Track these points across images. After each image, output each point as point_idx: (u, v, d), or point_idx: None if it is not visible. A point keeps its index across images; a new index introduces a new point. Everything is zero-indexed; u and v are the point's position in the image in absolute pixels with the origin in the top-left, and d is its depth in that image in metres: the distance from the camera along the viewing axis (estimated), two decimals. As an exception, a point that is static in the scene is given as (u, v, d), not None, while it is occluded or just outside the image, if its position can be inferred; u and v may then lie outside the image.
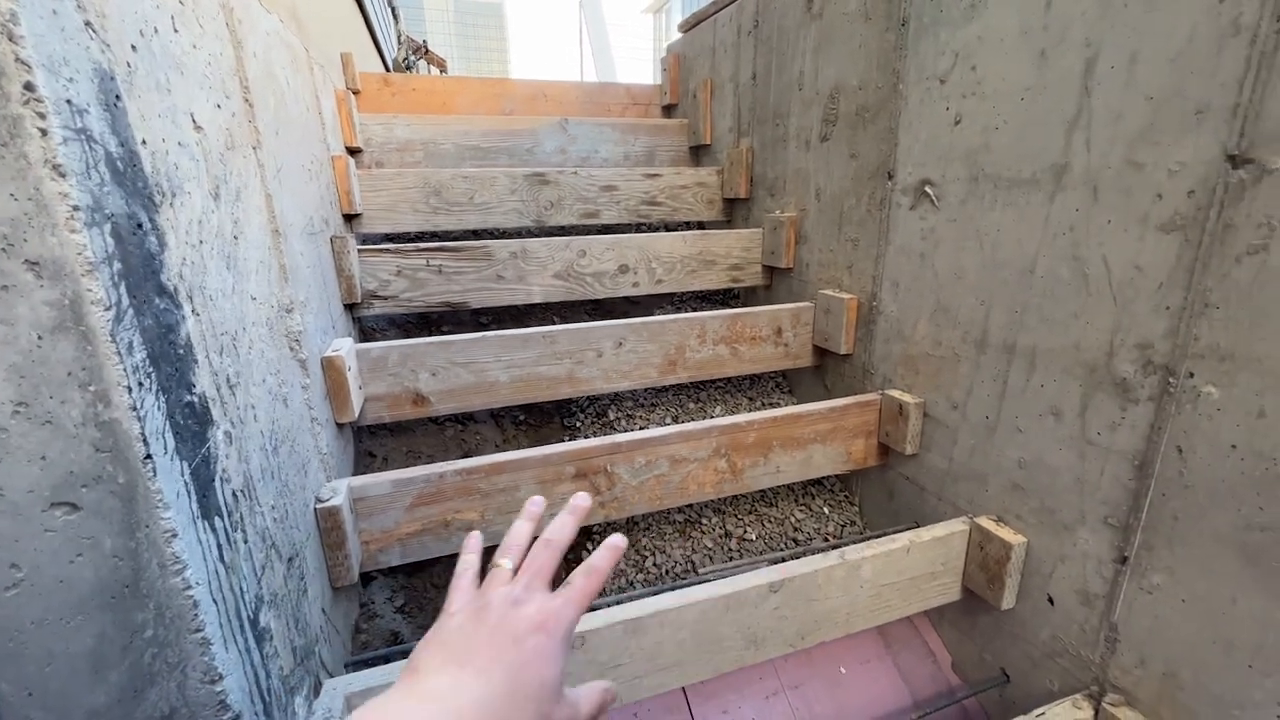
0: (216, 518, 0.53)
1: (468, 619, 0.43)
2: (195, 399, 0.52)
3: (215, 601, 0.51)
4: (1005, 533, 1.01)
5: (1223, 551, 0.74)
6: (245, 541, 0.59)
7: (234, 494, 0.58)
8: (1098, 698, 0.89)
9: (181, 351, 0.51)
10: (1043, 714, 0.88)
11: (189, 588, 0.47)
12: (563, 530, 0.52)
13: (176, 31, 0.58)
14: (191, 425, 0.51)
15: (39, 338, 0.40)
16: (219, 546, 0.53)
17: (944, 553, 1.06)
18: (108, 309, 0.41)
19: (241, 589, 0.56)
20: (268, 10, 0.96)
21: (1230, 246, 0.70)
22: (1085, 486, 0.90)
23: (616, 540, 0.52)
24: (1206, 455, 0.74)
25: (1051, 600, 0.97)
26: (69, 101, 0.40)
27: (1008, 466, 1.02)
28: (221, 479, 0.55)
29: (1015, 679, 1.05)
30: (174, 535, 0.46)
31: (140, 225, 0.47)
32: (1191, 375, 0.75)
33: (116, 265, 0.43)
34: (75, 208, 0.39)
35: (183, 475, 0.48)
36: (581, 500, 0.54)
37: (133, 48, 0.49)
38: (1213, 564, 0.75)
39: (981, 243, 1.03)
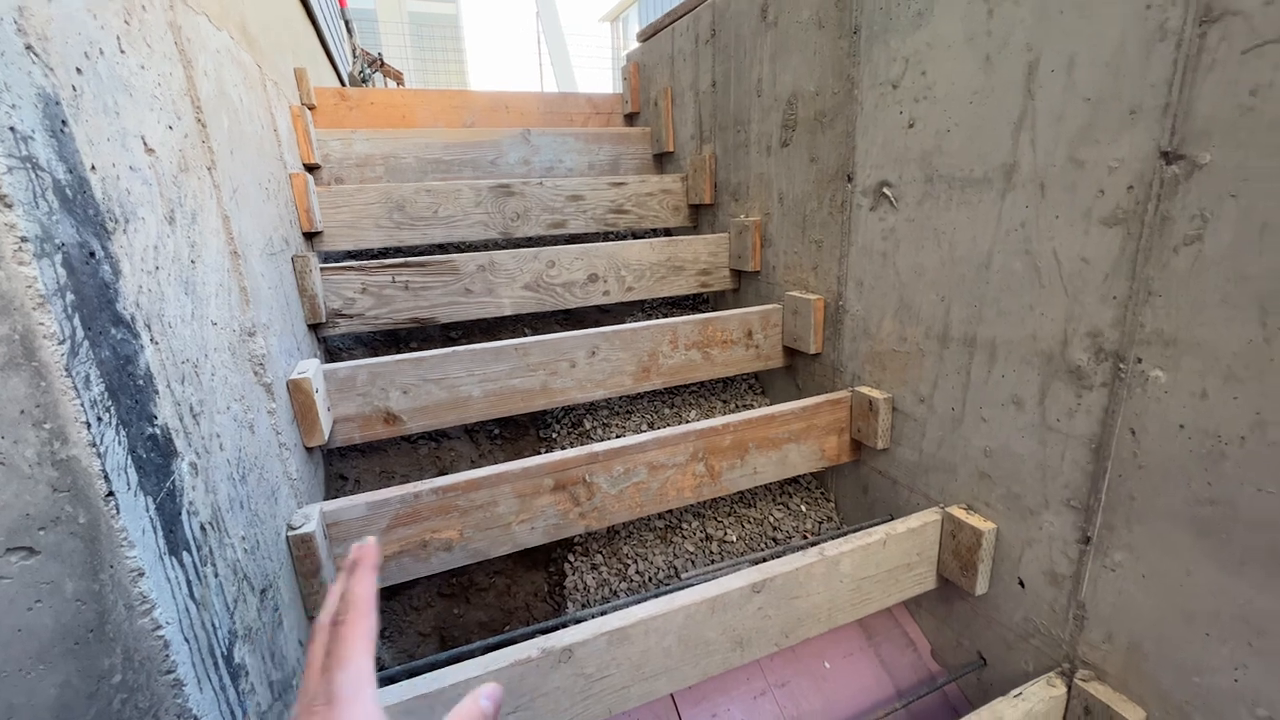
0: (185, 553, 0.51)
1: None
2: (157, 430, 0.50)
3: (187, 640, 0.49)
4: (975, 520, 1.04)
5: (1177, 527, 0.78)
6: (216, 575, 0.57)
7: (202, 527, 0.56)
8: (1070, 674, 0.93)
9: (141, 382, 0.49)
10: (1019, 694, 0.91)
11: (159, 628, 0.45)
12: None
13: (123, 52, 0.57)
14: (155, 458, 0.49)
15: (-12, 376, 0.38)
16: (188, 583, 0.51)
17: (918, 543, 1.08)
18: (61, 342, 0.40)
19: (214, 625, 0.54)
20: (217, 28, 0.93)
21: (1168, 238, 0.74)
22: (1048, 471, 0.93)
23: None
24: (1157, 436, 0.78)
25: (1022, 583, 1.00)
26: (12, 129, 0.38)
27: (975, 456, 1.05)
28: (188, 512, 0.54)
29: (992, 662, 1.08)
30: (140, 574, 0.44)
31: (93, 254, 0.45)
32: (1140, 360, 0.79)
33: (69, 296, 0.41)
34: (23, 239, 0.38)
35: (147, 511, 0.47)
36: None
37: (78, 70, 0.47)
38: (1168, 539, 0.79)
39: (939, 241, 1.06)
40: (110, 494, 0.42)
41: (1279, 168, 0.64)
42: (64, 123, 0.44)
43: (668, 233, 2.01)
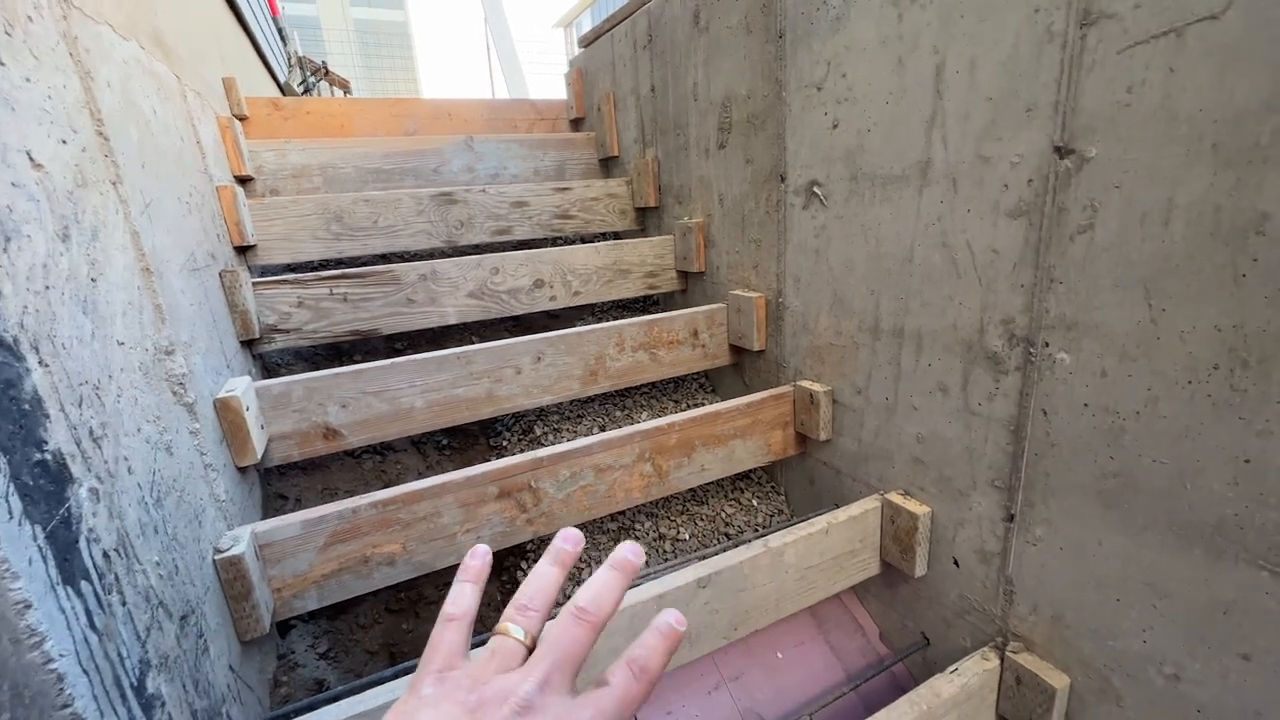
0: (83, 581, 0.49)
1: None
2: (48, 456, 0.48)
3: (86, 672, 0.47)
4: (912, 505, 1.08)
5: (1086, 500, 0.82)
6: (124, 604, 0.55)
7: (105, 554, 0.54)
8: (1002, 647, 0.97)
9: (27, 406, 0.47)
10: (955, 669, 0.95)
11: (50, 660, 0.44)
12: (604, 597, 0.39)
13: (3, 65, 0.54)
14: (45, 485, 0.47)
15: None
16: (88, 612, 0.49)
17: (861, 530, 1.11)
18: (-76, 368, 0.38)
19: (120, 655, 0.52)
20: (124, 37, 0.90)
21: (1065, 227, 0.79)
22: (973, 454, 0.97)
23: (671, 620, 0.39)
24: (1066, 415, 0.83)
25: (956, 562, 1.04)
26: None
27: (908, 442, 1.09)
28: (88, 539, 0.51)
29: (934, 641, 1.12)
30: (28, 606, 0.42)
31: (-36, 274, 0.43)
32: (1047, 345, 0.84)
33: (-67, 320, 0.39)
34: (-127, 261, 0.36)
35: (35, 540, 0.45)
36: (630, 555, 0.41)
37: (-56, 84, 0.45)
38: (1080, 512, 0.83)
39: (866, 236, 1.10)
40: (-12, 524, 0.41)
41: (1153, 159, 0.69)
42: (-74, 138, 0.42)
43: (616, 236, 2.02)
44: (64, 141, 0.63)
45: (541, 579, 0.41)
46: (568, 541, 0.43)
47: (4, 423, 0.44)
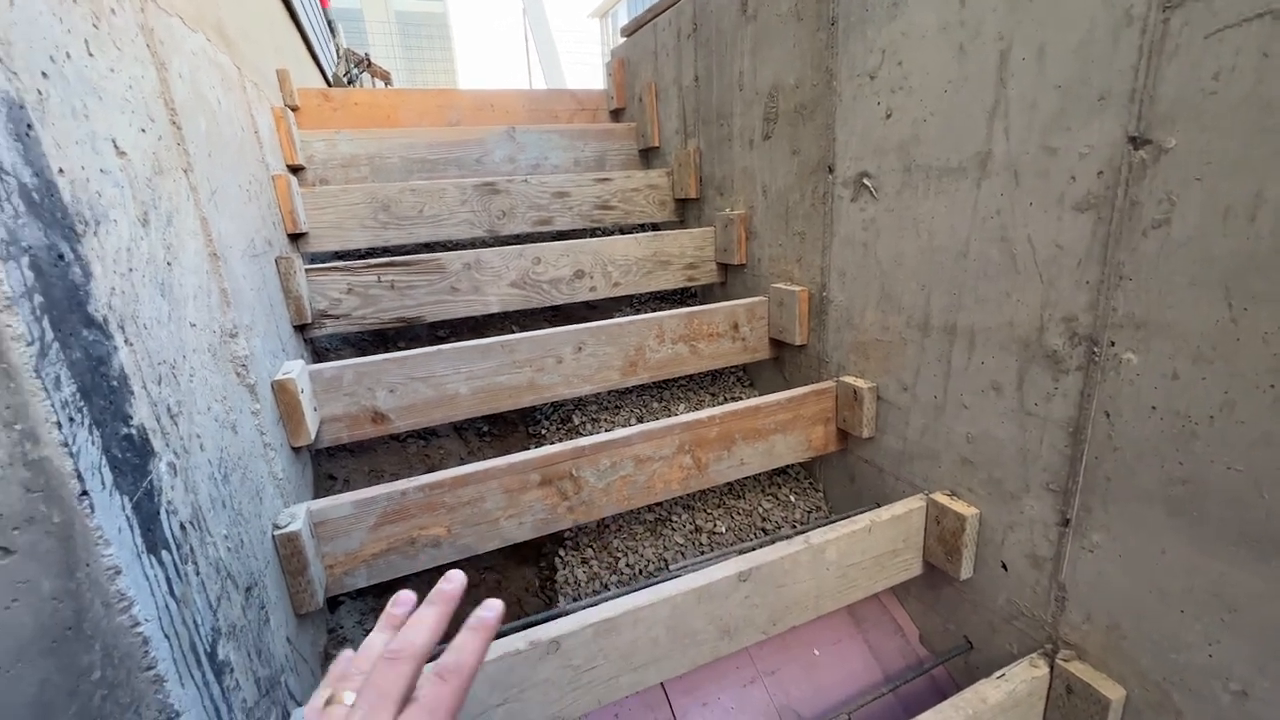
0: (164, 551, 0.52)
1: None
2: (133, 431, 0.51)
3: (167, 637, 0.49)
4: (959, 506, 1.06)
5: (1151, 507, 0.79)
6: (197, 574, 0.57)
7: (182, 526, 0.56)
8: (1052, 655, 0.94)
9: (115, 383, 0.50)
10: (1003, 675, 0.92)
11: (137, 625, 0.46)
12: (417, 637, 0.42)
13: (91, 56, 0.57)
14: (131, 458, 0.50)
15: (-44, 378, 0.38)
16: (168, 580, 0.51)
17: (904, 530, 1.09)
18: (30, 344, 0.40)
19: (196, 622, 0.55)
20: (192, 29, 0.93)
21: (1137, 222, 0.75)
22: (1027, 456, 0.94)
23: (485, 613, 0.44)
24: (1131, 418, 0.79)
25: (1005, 566, 1.01)
26: (-25, 133, 0.39)
27: (957, 442, 1.07)
28: (167, 511, 0.54)
29: (978, 645, 1.09)
30: (118, 572, 0.45)
31: (62, 256, 0.45)
32: (1113, 344, 0.80)
33: (37, 299, 0.42)
34: (-12, 242, 0.38)
35: (124, 510, 0.47)
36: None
37: (44, 74, 0.48)
38: (1143, 519, 0.80)
39: (918, 230, 1.07)
40: (84, 493, 0.43)
41: (1241, 151, 0.65)
42: (29, 126, 0.44)
43: (654, 227, 2.01)
44: (143, 130, 0.65)
45: (366, 650, 0.43)
46: (398, 604, 0.46)
47: (96, 398, 0.46)
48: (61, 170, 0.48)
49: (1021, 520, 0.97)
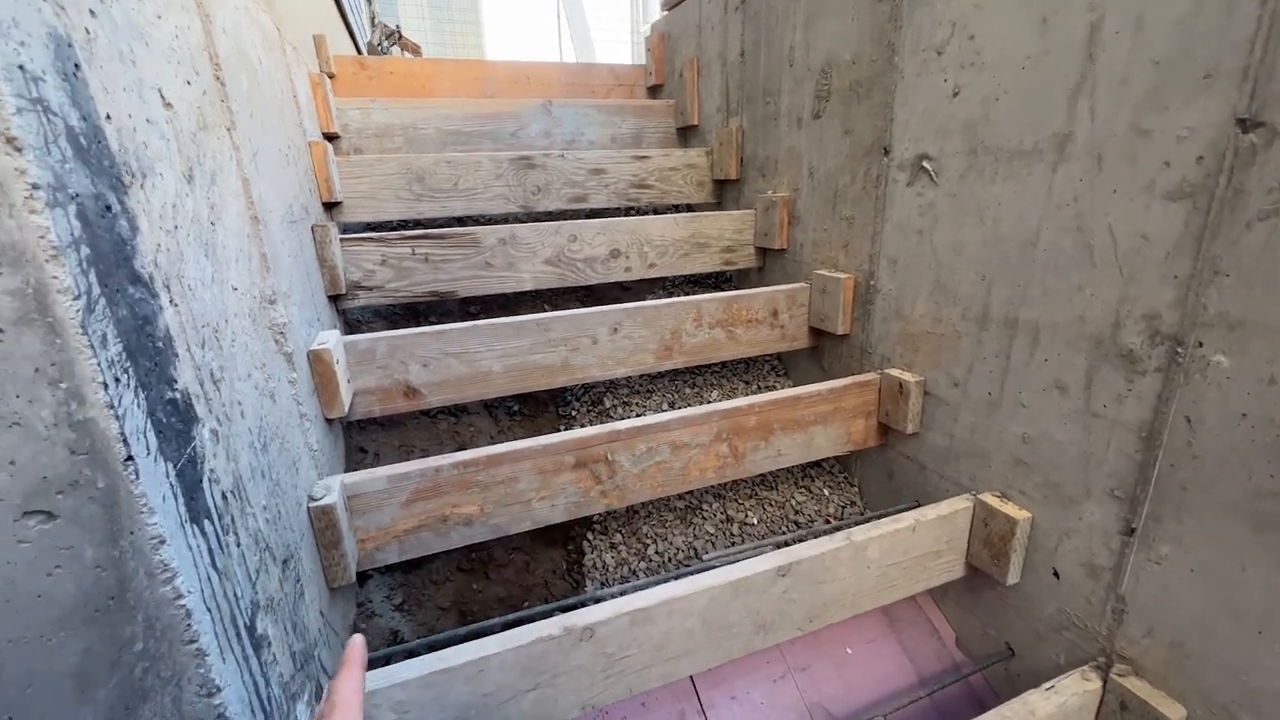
0: (206, 521, 0.50)
1: None
2: (178, 395, 0.49)
3: (209, 610, 0.47)
4: (1010, 508, 1.01)
5: (1232, 520, 0.74)
6: (238, 545, 0.56)
7: (224, 495, 0.54)
8: (1105, 668, 0.90)
9: (160, 344, 0.47)
10: (1052, 687, 0.88)
11: (180, 596, 0.44)
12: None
13: (139, -1, 0.54)
14: (175, 423, 0.48)
15: (0, 331, 0.36)
16: (210, 551, 0.49)
17: (949, 530, 1.05)
18: (76, 298, 0.38)
19: (236, 595, 0.53)
20: (236, -16, 0.90)
21: (1241, 212, 0.69)
22: (1091, 460, 0.89)
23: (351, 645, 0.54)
24: (1216, 425, 0.74)
25: (1057, 574, 0.97)
26: (21, 68, 0.36)
27: (1011, 442, 1.02)
28: (210, 479, 0.52)
29: (1020, 653, 1.05)
30: (162, 541, 0.43)
31: (109, 207, 0.43)
32: (1200, 344, 0.75)
33: (84, 250, 0.39)
34: (34, 186, 0.36)
35: (168, 477, 0.45)
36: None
37: (91, 13, 0.45)
38: (1222, 533, 0.75)
39: (982, 217, 1.01)
40: (129, 458, 0.41)
41: (1376, 135, 0.59)
42: (77, 66, 0.42)
43: (690, 208, 1.96)
44: (188, 83, 0.63)
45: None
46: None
47: (142, 358, 0.44)
48: (109, 116, 0.45)
49: (1079, 527, 0.92)
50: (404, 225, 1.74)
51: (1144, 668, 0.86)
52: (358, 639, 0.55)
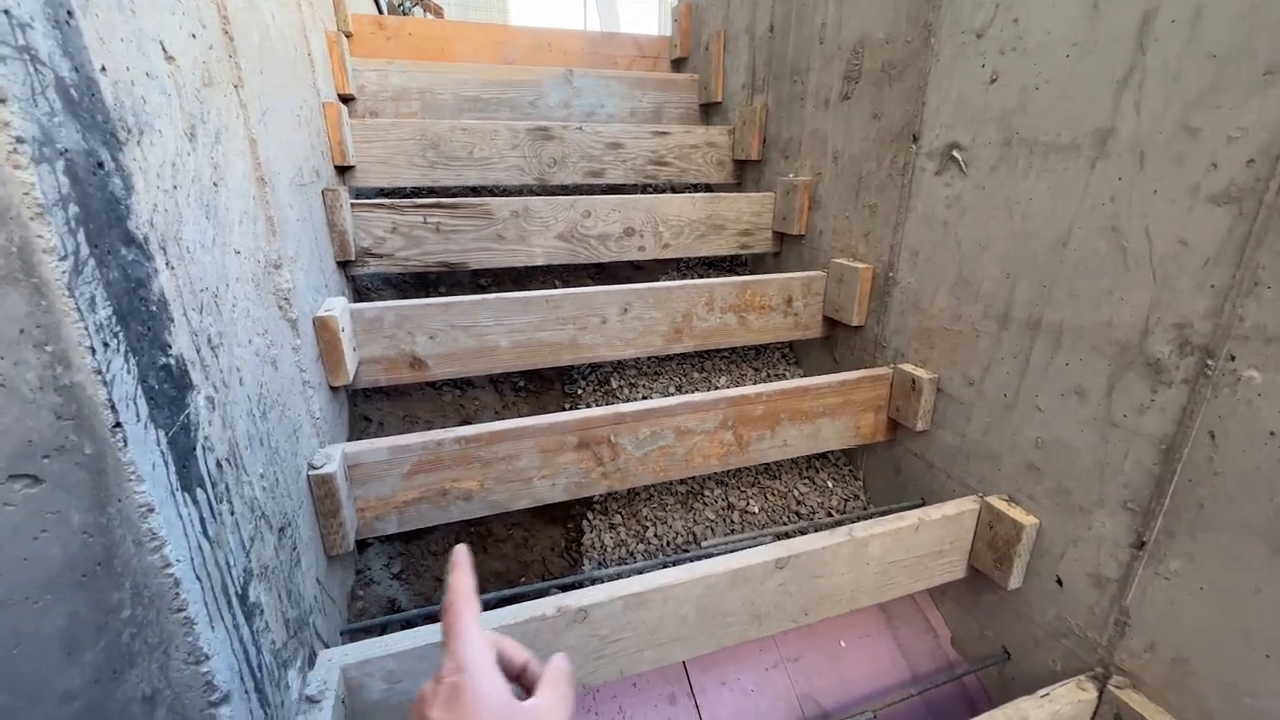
0: (199, 489, 0.49)
1: None
2: (172, 361, 0.48)
3: (199, 579, 0.47)
4: (1017, 513, 0.99)
5: (1250, 540, 0.71)
6: (232, 514, 0.55)
7: (218, 463, 0.54)
8: (1103, 679, 0.88)
9: (154, 309, 0.46)
10: (1047, 694, 0.87)
11: (168, 565, 0.44)
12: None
13: (141, -56, 0.51)
14: (168, 390, 0.47)
15: (-17, 290, 0.35)
16: (202, 520, 0.49)
17: (953, 531, 1.04)
18: (63, 258, 0.36)
19: (228, 564, 0.53)
20: (249, -67, 0.87)
21: (1290, 221, 0.65)
22: (1106, 469, 0.87)
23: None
24: (1242, 442, 0.71)
25: (1060, 581, 0.95)
26: (6, 12, 0.34)
27: (1024, 446, 0.99)
28: (204, 447, 0.51)
29: (1016, 657, 1.04)
30: (150, 510, 0.42)
31: (101, 164, 0.41)
32: (1233, 358, 0.71)
33: (73, 209, 0.38)
34: (19, 139, 0.34)
35: (159, 445, 0.44)
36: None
37: (87, -43, 0.43)
38: (1239, 553, 0.72)
39: (1011, 212, 0.97)
40: (118, 425, 0.40)
41: None
42: (70, 13, 0.40)
43: (708, 188, 1.91)
44: (194, 36, 0.60)
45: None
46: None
47: (133, 322, 0.43)
48: (104, 69, 0.43)
49: (1088, 536, 0.90)
50: (417, 193, 1.71)
51: (1143, 681, 0.85)
52: (462, 547, 0.49)
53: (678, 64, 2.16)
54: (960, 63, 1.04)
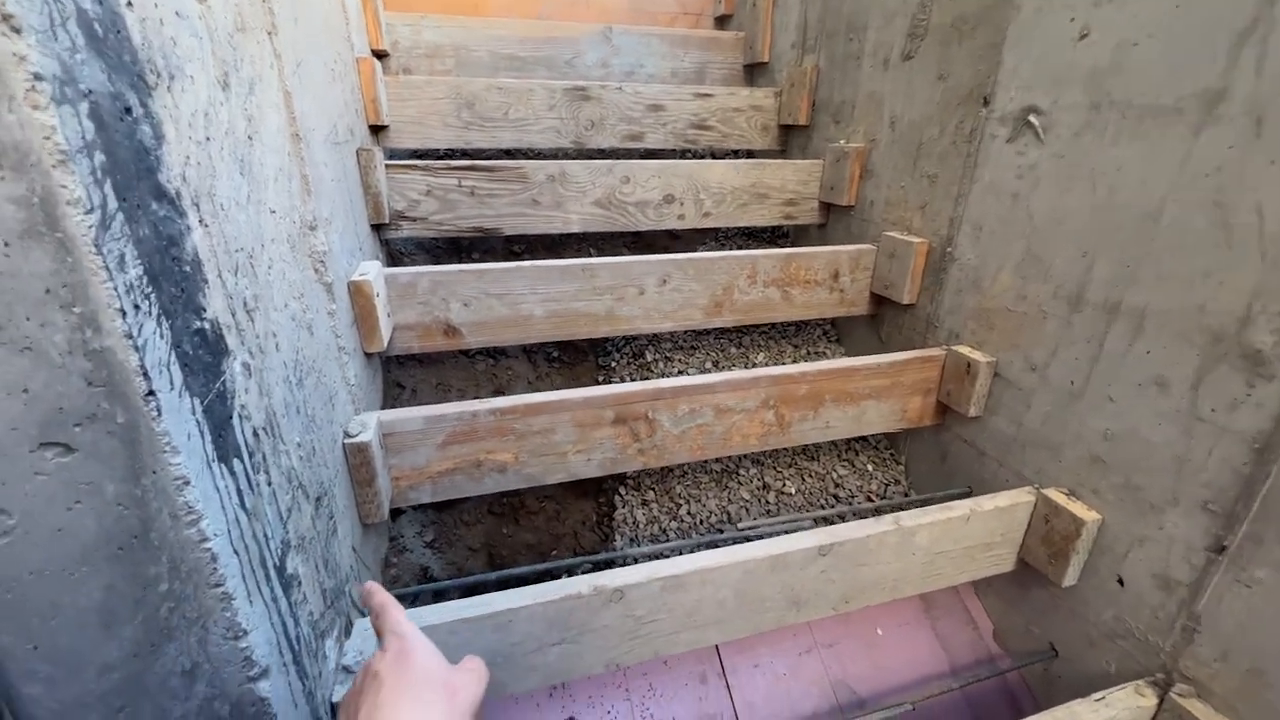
0: (235, 460, 0.47)
1: None
2: (206, 325, 0.45)
3: (236, 553, 0.45)
4: (1077, 508, 0.93)
5: (1355, 552, 0.65)
6: (269, 484, 0.53)
7: (255, 432, 0.51)
8: (1164, 686, 0.84)
9: (188, 269, 0.43)
10: (1102, 698, 0.83)
11: (205, 540, 0.42)
12: None
13: None
14: (203, 356, 0.44)
15: (4, 244, 0.32)
16: (239, 492, 0.47)
17: (1005, 523, 0.99)
18: (89, 211, 0.33)
19: (266, 536, 0.51)
20: None
21: None
22: (1185, 467, 0.80)
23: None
24: (1355, 444, 0.64)
25: (1121, 581, 0.90)
26: (20, -71, 0.30)
27: (1089, 437, 0.93)
28: (240, 416, 0.49)
29: (1065, 655, 1.00)
30: (186, 483, 0.40)
31: (129, 109, 0.38)
32: (1352, 351, 0.64)
33: (99, 157, 0.35)
34: (37, 76, 0.31)
35: (194, 414, 0.42)
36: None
37: (110, -125, 0.38)
38: (1338, 564, 0.66)
39: (1095, 183, 0.89)
40: (151, 393, 0.37)
41: None
42: (91, -62, 0.36)
43: (750, 155, 1.83)
44: (226, -25, 0.56)
45: None
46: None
47: (166, 284, 0.40)
48: (130, 3, 0.39)
49: (1157, 536, 0.84)
50: (451, 154, 1.67)
51: (1211, 691, 0.80)
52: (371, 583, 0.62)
53: (721, 21, 2.05)
54: (1045, 16, 0.94)
